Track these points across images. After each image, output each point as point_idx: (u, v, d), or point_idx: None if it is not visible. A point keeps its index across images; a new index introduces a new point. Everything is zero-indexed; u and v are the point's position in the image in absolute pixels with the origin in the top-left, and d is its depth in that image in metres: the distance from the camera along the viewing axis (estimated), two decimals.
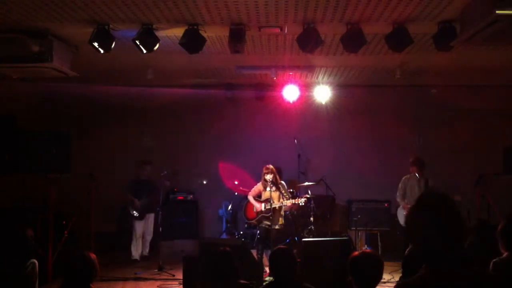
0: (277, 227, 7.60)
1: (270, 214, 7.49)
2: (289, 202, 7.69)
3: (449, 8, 5.26)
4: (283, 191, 7.69)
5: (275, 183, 7.52)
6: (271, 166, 7.63)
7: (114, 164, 9.97)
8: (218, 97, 9.97)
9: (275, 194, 7.54)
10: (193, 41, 5.88)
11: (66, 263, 3.58)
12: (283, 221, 7.71)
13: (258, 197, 7.89)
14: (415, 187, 7.79)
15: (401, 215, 7.94)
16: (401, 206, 7.96)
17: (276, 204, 7.52)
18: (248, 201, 7.97)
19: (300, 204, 7.80)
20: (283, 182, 7.86)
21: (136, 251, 8.68)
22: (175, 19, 5.71)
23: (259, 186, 7.85)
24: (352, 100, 9.96)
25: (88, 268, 3.49)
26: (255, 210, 7.79)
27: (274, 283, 3.74)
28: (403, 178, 7.98)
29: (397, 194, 8.00)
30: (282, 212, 7.71)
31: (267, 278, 6.59)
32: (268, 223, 7.57)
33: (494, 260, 3.75)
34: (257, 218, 7.76)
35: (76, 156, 7.86)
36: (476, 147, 9.61)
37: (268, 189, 7.63)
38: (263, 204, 7.70)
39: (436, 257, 1.75)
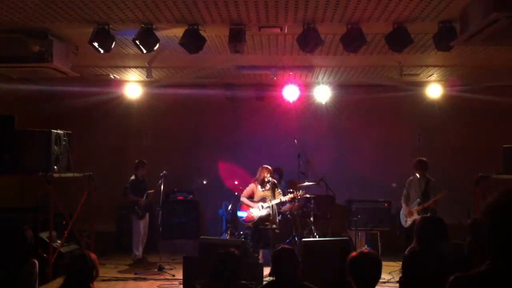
0: (273, 226, 7.68)
1: (268, 213, 7.58)
2: (287, 197, 7.81)
3: (449, 8, 5.25)
4: (277, 190, 7.81)
5: (270, 182, 7.63)
6: (269, 167, 7.78)
7: (114, 164, 9.97)
8: (218, 97, 9.97)
9: (270, 193, 7.65)
10: (193, 41, 5.88)
11: (66, 263, 3.57)
12: (277, 220, 7.81)
13: (250, 198, 7.98)
14: (417, 188, 7.79)
15: (403, 215, 7.94)
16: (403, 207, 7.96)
17: (275, 201, 7.62)
18: (242, 203, 8.03)
19: (299, 197, 7.92)
20: (275, 180, 7.97)
21: (138, 249, 8.66)
22: (175, 19, 5.71)
23: (252, 187, 7.96)
24: (352, 100, 9.96)
25: (88, 268, 3.48)
26: (251, 211, 7.85)
27: (275, 282, 3.74)
28: (408, 180, 7.98)
29: (402, 196, 8.00)
30: (276, 212, 7.79)
31: (266, 279, 6.59)
32: (266, 223, 7.66)
33: None
34: (255, 221, 7.81)
35: (76, 156, 7.86)
36: (476, 147, 9.61)
37: (262, 188, 7.77)
38: (259, 204, 7.78)
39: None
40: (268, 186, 7.71)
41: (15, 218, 7.23)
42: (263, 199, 7.78)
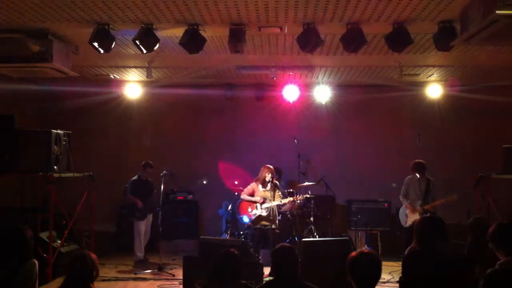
0: (273, 226, 7.70)
1: (268, 213, 7.59)
2: (287, 200, 7.82)
3: (449, 8, 5.26)
4: (278, 191, 7.83)
5: (273, 182, 7.65)
6: (271, 166, 7.80)
7: (114, 164, 9.97)
8: (218, 97, 9.97)
9: (270, 194, 7.66)
10: (193, 41, 5.88)
11: (66, 263, 3.57)
12: (277, 221, 7.84)
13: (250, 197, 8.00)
14: (416, 188, 7.80)
15: (403, 215, 7.94)
16: (403, 206, 7.96)
17: (275, 202, 7.64)
18: (242, 201, 8.06)
19: (299, 201, 7.94)
20: (277, 182, 8.00)
21: (140, 251, 8.63)
22: (175, 19, 5.71)
23: (253, 186, 7.98)
24: (352, 100, 9.96)
25: (88, 268, 3.48)
26: (250, 210, 7.88)
27: (275, 281, 3.73)
28: (406, 178, 7.99)
29: (401, 193, 8.01)
30: (276, 212, 7.81)
31: (266, 279, 6.59)
32: (265, 223, 7.67)
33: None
34: (253, 219, 7.84)
35: (76, 156, 7.87)
36: (476, 147, 9.61)
37: (263, 188, 7.78)
38: (258, 204, 7.81)
39: None
40: (269, 186, 7.72)
41: (15, 218, 7.23)
42: (263, 199, 7.80)
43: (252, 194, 7.99)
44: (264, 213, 7.72)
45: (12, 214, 7.51)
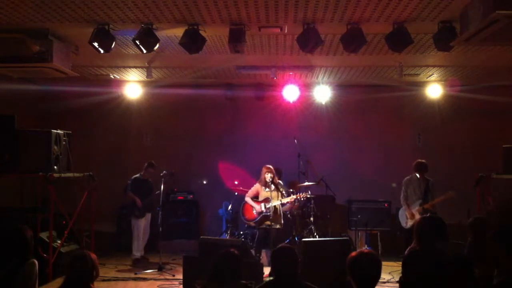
0: (278, 226, 7.70)
1: (270, 213, 7.59)
2: (289, 199, 7.82)
3: (449, 8, 5.26)
4: (281, 190, 7.82)
5: (274, 182, 7.65)
6: (271, 166, 7.79)
7: (114, 164, 9.98)
8: (218, 97, 9.97)
9: (274, 194, 7.65)
10: (193, 41, 5.88)
11: (66, 263, 3.57)
12: (282, 220, 7.83)
13: (255, 198, 7.99)
14: (416, 188, 7.81)
15: (403, 217, 7.93)
16: (403, 208, 7.95)
17: (276, 202, 7.63)
18: (246, 203, 8.05)
19: (302, 199, 7.94)
20: (280, 181, 7.99)
21: (138, 250, 8.66)
22: (175, 19, 5.71)
23: (256, 187, 7.97)
24: (352, 100, 9.96)
25: (88, 268, 3.48)
26: (254, 212, 7.88)
27: (275, 281, 3.73)
28: (404, 179, 7.98)
29: (401, 195, 7.99)
30: (281, 212, 7.81)
31: (266, 279, 6.59)
32: (269, 223, 7.66)
33: None
34: (257, 219, 7.83)
35: (76, 156, 7.87)
36: (476, 147, 9.61)
37: (267, 189, 7.77)
38: (262, 204, 7.81)
39: None
40: (272, 186, 7.72)
41: (15, 218, 7.23)
42: (267, 200, 7.78)
43: (256, 195, 7.99)
44: (268, 213, 7.71)
45: (12, 214, 7.51)
